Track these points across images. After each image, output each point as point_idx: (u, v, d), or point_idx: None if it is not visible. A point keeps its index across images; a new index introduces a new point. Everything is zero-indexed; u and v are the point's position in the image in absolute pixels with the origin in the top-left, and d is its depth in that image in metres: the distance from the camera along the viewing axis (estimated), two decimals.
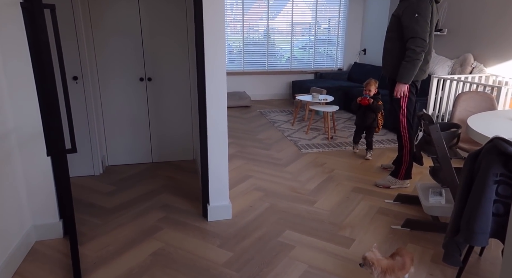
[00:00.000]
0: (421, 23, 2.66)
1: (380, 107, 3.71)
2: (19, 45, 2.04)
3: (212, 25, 2.23)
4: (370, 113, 3.74)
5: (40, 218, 2.31)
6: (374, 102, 3.65)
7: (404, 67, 2.76)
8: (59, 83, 1.85)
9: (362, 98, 3.68)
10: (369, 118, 3.77)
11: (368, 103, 3.66)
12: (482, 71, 4.34)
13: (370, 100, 3.66)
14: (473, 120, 2.37)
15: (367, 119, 3.78)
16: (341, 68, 7.42)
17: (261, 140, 4.47)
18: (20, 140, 2.17)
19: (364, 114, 3.77)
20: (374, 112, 3.73)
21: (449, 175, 2.22)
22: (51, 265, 2.07)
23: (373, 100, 3.66)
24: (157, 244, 2.29)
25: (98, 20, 3.20)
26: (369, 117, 3.77)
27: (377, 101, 3.66)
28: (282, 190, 3.08)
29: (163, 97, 3.53)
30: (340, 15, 7.15)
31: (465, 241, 1.75)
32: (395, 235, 2.41)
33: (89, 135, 3.21)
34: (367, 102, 3.66)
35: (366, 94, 3.68)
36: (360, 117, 3.84)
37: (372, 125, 3.79)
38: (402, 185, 3.11)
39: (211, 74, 2.31)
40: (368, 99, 3.66)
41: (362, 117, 3.81)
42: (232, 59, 6.98)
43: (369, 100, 3.66)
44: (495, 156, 1.61)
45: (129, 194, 2.98)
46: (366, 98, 3.66)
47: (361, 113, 3.81)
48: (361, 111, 3.80)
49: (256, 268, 2.06)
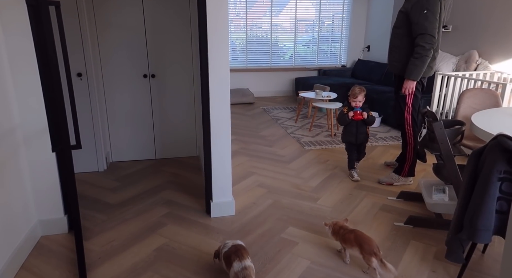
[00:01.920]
0: (430, 19, 2.64)
1: (374, 119, 3.21)
2: (24, 42, 2.05)
3: (215, 22, 2.23)
4: (363, 127, 3.17)
5: (46, 213, 2.34)
6: (368, 115, 3.12)
7: (413, 63, 2.75)
8: (63, 80, 1.86)
9: (354, 113, 3.08)
10: (362, 134, 3.18)
11: (362, 118, 3.09)
12: (487, 68, 4.31)
13: (364, 114, 3.08)
14: (477, 118, 2.36)
15: (360, 135, 3.17)
16: (344, 65, 7.40)
17: (264, 137, 4.48)
18: (26, 136, 2.19)
19: (356, 130, 3.16)
20: (365, 126, 3.19)
21: (453, 172, 2.22)
22: (56, 260, 2.10)
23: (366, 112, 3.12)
24: (161, 239, 2.31)
25: (102, 17, 3.21)
26: (362, 133, 3.17)
27: (367, 112, 3.12)
28: (285, 186, 3.08)
29: (167, 94, 3.54)
30: (344, 11, 7.12)
31: (468, 238, 1.75)
32: (398, 232, 2.41)
33: (93, 132, 3.23)
34: (361, 117, 3.08)
35: (358, 108, 3.09)
36: (350, 134, 3.19)
37: (365, 140, 3.25)
38: (405, 182, 3.11)
39: (214, 71, 2.32)
40: (361, 113, 3.08)
41: (354, 133, 3.17)
42: (235, 56, 6.97)
43: (363, 114, 3.08)
44: (499, 153, 1.61)
45: (133, 190, 3.00)
46: (359, 113, 3.08)
47: (352, 129, 3.16)
48: (351, 127, 3.17)
49: (259, 264, 2.07)
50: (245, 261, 1.78)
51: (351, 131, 3.18)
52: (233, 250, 1.83)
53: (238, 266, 1.76)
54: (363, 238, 1.99)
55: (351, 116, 3.09)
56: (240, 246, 1.87)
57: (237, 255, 1.80)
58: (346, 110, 3.15)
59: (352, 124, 3.14)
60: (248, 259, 1.80)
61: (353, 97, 3.08)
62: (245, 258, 1.79)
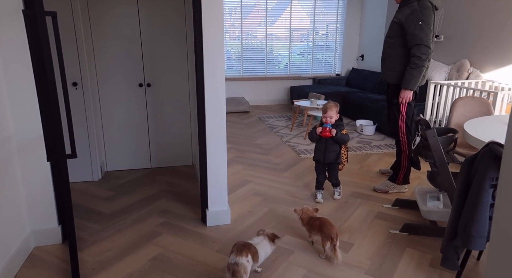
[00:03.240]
0: (425, 30, 2.70)
1: (346, 138, 2.86)
2: (20, 51, 2.06)
3: (211, 31, 2.26)
4: (333, 145, 2.87)
5: (39, 223, 2.31)
6: (337, 132, 2.81)
7: (410, 74, 2.79)
8: (59, 89, 1.86)
9: (322, 128, 2.82)
10: (332, 153, 2.88)
11: (330, 135, 2.82)
12: (479, 77, 4.38)
13: (332, 131, 2.81)
14: (470, 125, 2.40)
15: (329, 154, 2.88)
16: (339, 74, 7.47)
17: (259, 145, 4.49)
18: (20, 145, 2.18)
19: (325, 148, 2.88)
20: (338, 144, 2.89)
21: (447, 179, 2.24)
22: (49, 271, 2.07)
23: (336, 130, 2.82)
24: (156, 249, 2.29)
25: (97, 26, 3.23)
26: (332, 152, 2.88)
27: (340, 129, 2.84)
28: (280, 195, 3.08)
29: (162, 103, 3.55)
30: (338, 21, 7.22)
31: (463, 245, 1.76)
32: (394, 239, 2.42)
33: (88, 141, 3.22)
34: (329, 134, 2.81)
35: (327, 124, 2.82)
36: (318, 152, 2.91)
37: (335, 161, 2.92)
38: (400, 190, 3.12)
39: (210, 79, 2.34)
40: (329, 129, 2.81)
41: (322, 151, 2.89)
42: (230, 65, 7.02)
43: (331, 131, 2.81)
44: (491, 160, 1.63)
45: (128, 199, 2.98)
46: (327, 129, 2.81)
47: (320, 146, 2.90)
48: (320, 144, 2.90)
49: (255, 273, 2.06)
50: (241, 258, 1.84)
51: (319, 149, 2.91)
52: (241, 244, 1.92)
53: (233, 259, 1.85)
54: (326, 224, 2.20)
55: (319, 132, 2.83)
56: (248, 244, 1.94)
57: (237, 249, 1.87)
58: (319, 125, 2.92)
59: (322, 141, 2.88)
60: (245, 257, 1.85)
61: (323, 112, 2.86)
62: (242, 255, 1.85)
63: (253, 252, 1.92)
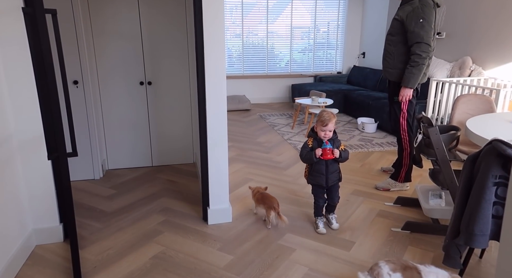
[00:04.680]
0: (426, 28, 2.68)
1: (348, 155, 2.39)
2: (20, 49, 2.05)
3: (212, 29, 2.25)
4: (334, 165, 2.39)
5: (41, 222, 2.31)
6: (341, 153, 2.34)
7: (410, 72, 2.78)
8: (60, 87, 1.86)
9: (323, 151, 2.29)
10: (333, 174, 2.39)
11: (333, 157, 2.32)
12: (481, 74, 4.36)
13: (335, 152, 2.31)
14: (472, 123, 2.38)
15: (331, 176, 2.38)
16: (340, 72, 7.45)
17: (261, 143, 4.48)
18: (21, 144, 2.18)
19: (327, 170, 2.37)
20: (338, 163, 2.42)
21: (449, 177, 2.23)
22: (51, 269, 2.07)
23: (337, 149, 2.34)
24: (158, 247, 2.29)
25: (98, 24, 3.22)
26: (333, 172, 2.39)
27: (338, 146, 2.36)
28: (282, 193, 3.08)
29: (163, 101, 3.55)
30: (339, 18, 7.19)
31: (465, 243, 1.75)
32: (395, 237, 2.41)
33: (89, 139, 3.21)
34: (331, 156, 2.31)
35: (327, 144, 2.30)
36: (319, 175, 2.38)
37: (338, 181, 2.46)
38: (402, 188, 3.11)
39: (211, 78, 2.33)
40: (331, 150, 2.30)
41: (324, 174, 2.37)
42: (231, 63, 7.00)
43: (335, 153, 2.31)
44: (494, 158, 1.62)
45: (129, 197, 2.98)
46: (329, 150, 2.29)
47: (320, 167, 2.37)
48: (320, 165, 2.36)
49: (257, 271, 2.05)
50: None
51: (319, 171, 2.37)
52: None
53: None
54: (267, 196, 2.54)
55: (319, 156, 2.30)
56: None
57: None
58: (311, 143, 2.36)
59: (321, 163, 2.35)
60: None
61: (321, 124, 2.28)
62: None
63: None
